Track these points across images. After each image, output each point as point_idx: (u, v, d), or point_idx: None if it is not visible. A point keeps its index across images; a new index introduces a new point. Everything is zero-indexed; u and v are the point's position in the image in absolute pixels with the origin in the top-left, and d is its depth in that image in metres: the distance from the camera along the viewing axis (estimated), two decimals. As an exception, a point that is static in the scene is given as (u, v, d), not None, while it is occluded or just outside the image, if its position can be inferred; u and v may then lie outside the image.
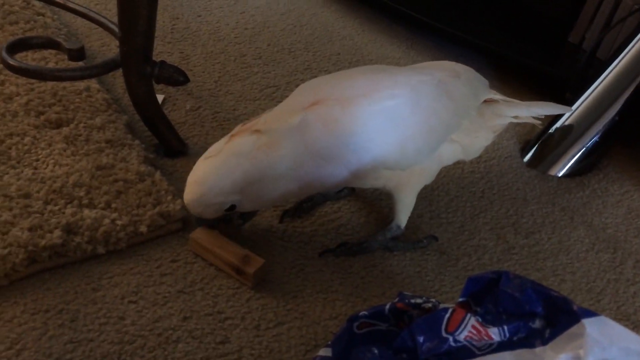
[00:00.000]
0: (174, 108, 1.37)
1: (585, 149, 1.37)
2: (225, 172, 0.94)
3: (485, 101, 1.11)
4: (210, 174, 0.95)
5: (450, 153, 1.07)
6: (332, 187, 1.03)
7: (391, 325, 0.70)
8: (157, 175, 1.13)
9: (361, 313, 0.71)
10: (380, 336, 0.69)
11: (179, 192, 1.14)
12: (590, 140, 1.37)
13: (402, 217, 1.09)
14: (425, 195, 1.24)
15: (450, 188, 1.28)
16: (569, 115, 1.40)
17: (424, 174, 1.06)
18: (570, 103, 1.42)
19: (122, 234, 1.02)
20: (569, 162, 1.38)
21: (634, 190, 1.33)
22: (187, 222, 1.09)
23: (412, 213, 1.11)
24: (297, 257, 1.07)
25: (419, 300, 0.70)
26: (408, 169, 1.02)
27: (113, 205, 1.06)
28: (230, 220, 1.03)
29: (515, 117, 1.14)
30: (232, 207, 0.97)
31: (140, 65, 1.16)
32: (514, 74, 1.68)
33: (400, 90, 0.98)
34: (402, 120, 0.97)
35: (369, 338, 0.69)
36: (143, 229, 1.04)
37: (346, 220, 1.17)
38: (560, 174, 1.36)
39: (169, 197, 1.09)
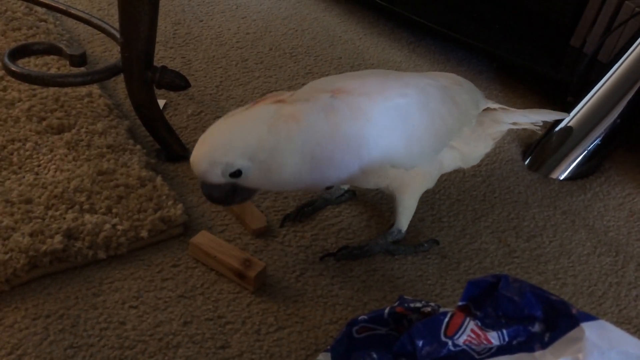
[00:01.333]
0: (175, 113, 1.37)
1: (587, 152, 1.37)
2: (241, 132, 0.90)
3: (483, 110, 1.12)
4: (225, 131, 0.91)
5: (450, 159, 1.08)
6: (340, 180, 0.99)
7: (391, 329, 0.70)
8: (159, 180, 1.14)
9: (360, 317, 0.71)
10: (380, 340, 0.69)
11: (180, 196, 1.14)
12: (592, 144, 1.37)
13: (404, 220, 1.09)
14: (427, 199, 1.24)
15: (451, 192, 1.27)
16: (570, 118, 1.39)
17: (426, 178, 1.06)
18: (571, 106, 1.42)
19: (123, 239, 1.02)
20: (570, 165, 1.37)
21: (636, 193, 1.33)
22: (188, 227, 1.09)
23: (414, 217, 1.11)
24: (298, 262, 1.07)
25: (418, 304, 0.70)
26: (412, 169, 1.02)
27: (114, 210, 1.06)
28: (233, 194, 0.95)
29: (514, 123, 1.15)
30: (238, 173, 0.90)
31: (142, 71, 1.17)
32: (515, 77, 1.68)
33: (410, 90, 0.99)
34: (411, 119, 0.97)
35: (368, 342, 0.69)
36: (144, 233, 1.04)
37: (347, 224, 1.17)
38: (562, 177, 1.36)
39: (170, 202, 1.10)
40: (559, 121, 1.40)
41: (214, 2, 1.79)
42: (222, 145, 0.90)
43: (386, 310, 0.70)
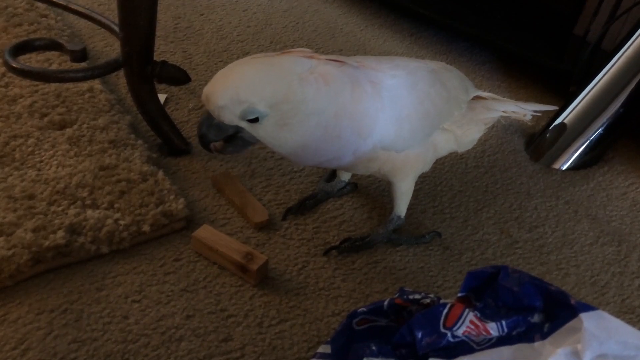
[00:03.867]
0: (176, 107, 1.37)
1: (590, 142, 1.36)
2: (272, 76, 0.86)
3: (473, 98, 1.11)
4: (254, 70, 0.86)
5: (443, 142, 1.07)
6: (334, 161, 0.97)
7: (391, 321, 0.70)
8: (160, 174, 1.14)
9: (360, 309, 0.71)
10: (380, 332, 0.69)
11: (182, 191, 1.15)
12: (595, 133, 1.36)
13: (402, 205, 1.09)
14: (429, 191, 1.24)
15: (453, 183, 1.27)
16: (572, 108, 1.39)
17: (419, 160, 1.05)
18: (574, 96, 1.41)
19: (125, 233, 1.03)
20: (573, 155, 1.37)
21: (639, 182, 1.32)
22: (190, 221, 1.10)
23: (416, 208, 1.11)
24: (300, 254, 1.08)
25: (417, 296, 0.70)
26: (403, 152, 1.01)
27: (116, 205, 1.06)
28: (228, 142, 0.92)
29: (505, 111, 1.14)
30: (256, 119, 0.86)
31: (142, 65, 1.17)
32: (518, 67, 1.67)
33: (400, 71, 0.98)
34: (400, 100, 0.97)
35: (368, 334, 0.70)
36: (146, 228, 1.04)
37: (349, 217, 1.17)
38: (565, 167, 1.36)
39: (172, 197, 1.10)
40: (561, 111, 1.40)
41: (214, -4, 1.79)
42: (250, 83, 0.85)
43: (386, 302, 0.71)
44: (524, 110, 1.16)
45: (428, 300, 0.69)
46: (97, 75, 1.22)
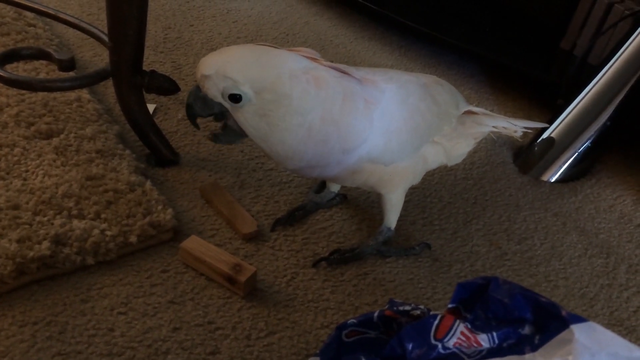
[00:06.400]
0: (165, 117, 1.37)
1: (578, 155, 1.37)
2: (263, 62, 0.87)
3: (464, 113, 1.12)
4: (249, 53, 0.88)
5: (433, 154, 1.07)
6: (325, 171, 0.96)
7: (381, 333, 0.69)
8: (148, 184, 1.13)
9: (350, 321, 0.71)
10: (370, 344, 0.69)
11: (169, 201, 1.14)
12: (582, 146, 1.37)
13: (391, 217, 1.09)
14: (418, 202, 1.24)
15: (443, 195, 1.27)
16: (560, 121, 1.40)
17: (408, 173, 1.05)
18: (561, 109, 1.42)
19: (111, 244, 1.01)
20: (561, 167, 1.37)
21: (627, 195, 1.33)
22: (177, 232, 1.09)
23: (405, 220, 1.11)
24: (289, 266, 1.07)
25: (407, 308, 0.69)
26: (391, 165, 1.01)
27: (103, 216, 1.05)
28: (225, 131, 0.94)
29: (495, 127, 1.14)
30: (237, 99, 0.86)
31: (131, 75, 1.16)
32: (506, 80, 1.68)
33: (391, 84, 0.98)
34: (389, 113, 0.97)
35: (358, 346, 0.69)
36: (133, 239, 1.03)
37: (338, 228, 1.16)
38: (553, 180, 1.36)
39: (160, 207, 1.09)
40: (549, 124, 1.40)
41: (204, 7, 1.79)
42: (240, 62, 0.86)
43: (375, 314, 0.70)
44: (515, 127, 1.16)
45: (418, 312, 0.69)
46: (85, 84, 1.21)
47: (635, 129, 1.45)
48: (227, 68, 0.86)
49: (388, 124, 0.97)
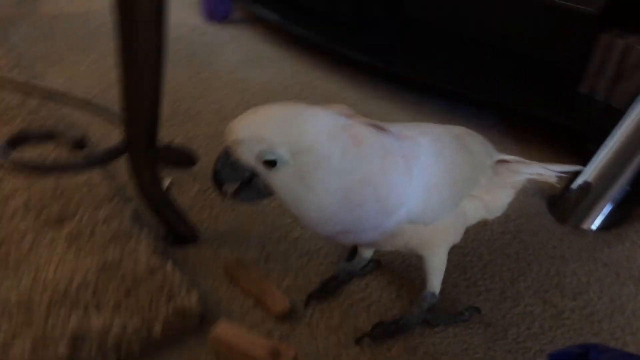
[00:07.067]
0: (180, 192, 1.30)
1: (617, 199, 1.29)
2: (299, 122, 0.80)
3: (498, 162, 1.05)
4: (283, 113, 0.81)
5: (472, 210, 1.00)
6: (361, 236, 0.89)
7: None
8: (169, 266, 1.05)
9: None
10: None
11: (192, 283, 1.05)
12: (621, 189, 1.30)
13: (435, 281, 1.00)
14: (458, 263, 1.15)
15: (482, 252, 1.19)
16: (594, 166, 1.33)
17: (449, 231, 0.98)
18: (592, 154, 1.36)
19: (134, 338, 0.92)
20: (600, 213, 1.30)
21: (677, 237, 1.25)
22: (203, 316, 0.99)
23: (447, 283, 1.02)
24: (330, 345, 0.97)
25: None
26: (431, 224, 0.93)
27: (123, 305, 0.96)
28: (242, 187, 0.85)
29: (531, 173, 1.08)
30: (273, 164, 0.80)
31: (146, 150, 1.10)
32: (528, 130, 1.63)
33: (425, 138, 0.92)
34: (427, 168, 0.90)
35: None
36: (157, 330, 0.94)
37: (377, 297, 1.07)
38: (594, 227, 1.28)
39: (184, 291, 1.00)
40: (582, 170, 1.34)
41: (212, 78, 1.76)
42: (276, 123, 0.79)
43: None
44: (550, 172, 1.10)
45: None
46: (99, 163, 1.15)
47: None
48: (263, 130, 0.80)
49: (427, 179, 0.90)
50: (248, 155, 0.81)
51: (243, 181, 0.85)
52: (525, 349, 0.98)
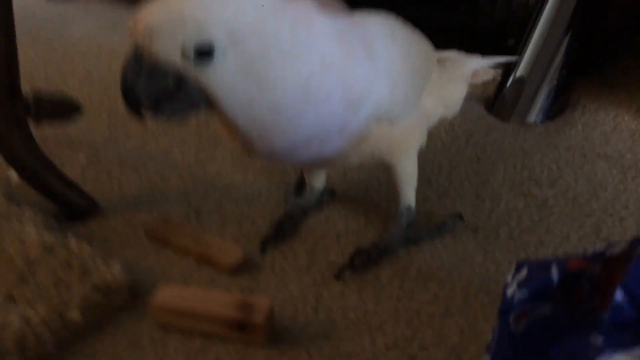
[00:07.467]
0: (63, 167, 1.01)
1: (556, 86, 1.22)
2: None
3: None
4: None
5: (432, 106, 0.87)
6: (326, 145, 0.70)
7: (555, 305, 0.43)
8: (71, 239, 0.79)
9: (516, 297, 0.43)
10: (549, 327, 0.42)
11: (110, 255, 0.79)
12: (556, 76, 1.22)
13: (409, 192, 0.85)
14: (420, 176, 0.99)
15: (441, 161, 1.05)
16: (524, 58, 1.24)
17: (416, 132, 0.83)
18: (515, 48, 1.27)
19: (45, 331, 0.66)
20: (542, 105, 1.21)
21: (620, 112, 1.19)
22: (134, 291, 0.75)
23: (416, 198, 0.86)
24: (305, 287, 0.77)
25: (602, 248, 0.43)
26: (398, 124, 0.77)
27: (17, 295, 0.69)
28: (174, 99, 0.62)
29: (475, 66, 0.97)
30: (208, 52, 0.59)
31: (7, 103, 0.82)
32: (444, 44, 1.52)
33: (375, 21, 0.76)
34: (386, 52, 0.73)
35: (536, 337, 0.41)
36: (75, 315, 0.68)
37: (343, 228, 0.89)
38: (540, 119, 1.20)
39: (100, 263, 0.75)
40: (512, 67, 1.25)
41: (69, 50, 1.47)
42: (201, 1, 0.59)
43: (554, 274, 0.43)
44: (489, 63, 0.99)
45: (620, 248, 0.42)
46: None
47: (600, 48, 1.33)
48: (188, 9, 0.58)
49: (389, 64, 0.74)
50: (170, 50, 0.59)
51: (166, 91, 0.62)
52: (524, 243, 0.85)
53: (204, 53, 0.59)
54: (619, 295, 0.38)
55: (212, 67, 0.60)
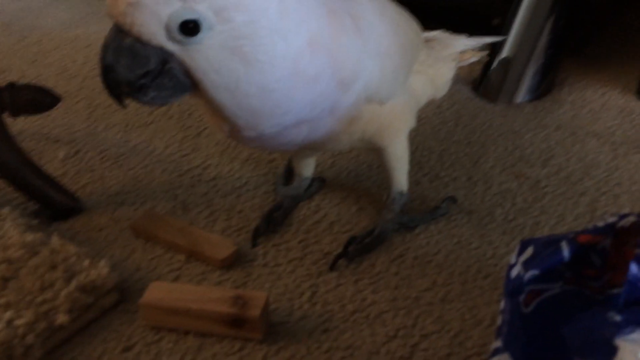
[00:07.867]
0: (42, 163, 0.98)
1: (543, 65, 1.20)
2: None
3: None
4: None
5: (421, 86, 0.84)
6: (315, 128, 0.68)
7: (565, 282, 0.41)
8: (55, 239, 0.75)
9: (525, 275, 0.41)
10: (560, 307, 0.40)
11: (96, 254, 0.77)
12: (543, 55, 1.21)
13: (401, 176, 0.83)
14: (411, 160, 0.98)
15: (431, 145, 1.03)
16: (510, 38, 1.23)
17: (406, 113, 0.81)
18: (500, 28, 1.26)
19: (30, 337, 0.63)
20: (529, 84, 1.20)
21: (607, 90, 1.18)
22: (124, 291, 0.72)
23: (408, 183, 0.84)
24: (301, 280, 0.75)
25: (611, 220, 0.42)
26: (387, 104, 0.75)
27: (2, 300, 0.66)
28: (157, 82, 0.59)
29: (462, 45, 0.95)
30: (194, 29, 0.55)
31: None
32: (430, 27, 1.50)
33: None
34: (376, 29, 0.71)
35: (547, 316, 0.40)
36: (62, 318, 0.66)
37: (335, 216, 0.87)
38: (527, 99, 1.19)
39: (86, 262, 0.72)
40: (498, 47, 1.23)
41: (42, 41, 1.42)
42: None
43: (564, 250, 0.41)
44: (477, 43, 0.98)
45: (632, 219, 0.41)
46: None
47: (585, 26, 1.32)
48: None
49: (378, 44, 0.71)
50: (153, 28, 0.56)
51: (149, 72, 0.59)
52: (520, 225, 0.84)
53: (189, 30, 0.56)
54: (634, 268, 0.37)
55: (198, 46, 0.57)
